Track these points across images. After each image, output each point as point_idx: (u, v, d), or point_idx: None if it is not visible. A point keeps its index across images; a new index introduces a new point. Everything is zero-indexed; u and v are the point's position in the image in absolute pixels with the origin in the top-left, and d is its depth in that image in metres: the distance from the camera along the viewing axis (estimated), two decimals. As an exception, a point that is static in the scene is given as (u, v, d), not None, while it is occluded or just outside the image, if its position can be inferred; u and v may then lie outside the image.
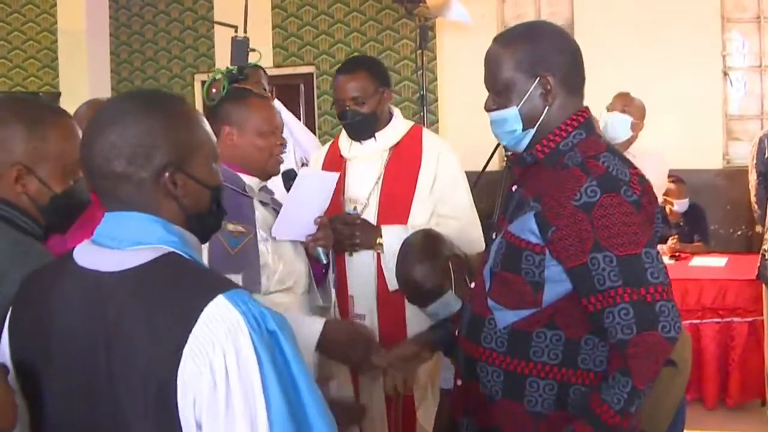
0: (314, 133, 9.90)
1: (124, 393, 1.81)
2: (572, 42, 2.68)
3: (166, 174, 1.93)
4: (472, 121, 4.96)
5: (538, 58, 2.58)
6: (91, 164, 1.95)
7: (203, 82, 5.89)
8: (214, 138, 2.08)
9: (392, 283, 3.76)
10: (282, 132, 3.45)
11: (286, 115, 5.75)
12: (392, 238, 3.81)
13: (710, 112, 8.48)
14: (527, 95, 2.58)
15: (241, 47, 5.66)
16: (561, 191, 2.47)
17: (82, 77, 10.07)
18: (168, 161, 1.93)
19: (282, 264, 3.31)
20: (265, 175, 3.44)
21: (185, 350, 1.74)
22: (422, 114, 8.55)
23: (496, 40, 2.68)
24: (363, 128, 4.05)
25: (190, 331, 1.75)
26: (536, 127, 2.61)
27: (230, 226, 3.20)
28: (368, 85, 4.00)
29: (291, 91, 10.16)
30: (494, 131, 2.70)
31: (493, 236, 2.81)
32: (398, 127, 4.13)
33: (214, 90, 5.32)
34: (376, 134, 4.06)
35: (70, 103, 5.77)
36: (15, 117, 2.44)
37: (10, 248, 2.35)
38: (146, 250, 1.89)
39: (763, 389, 6.12)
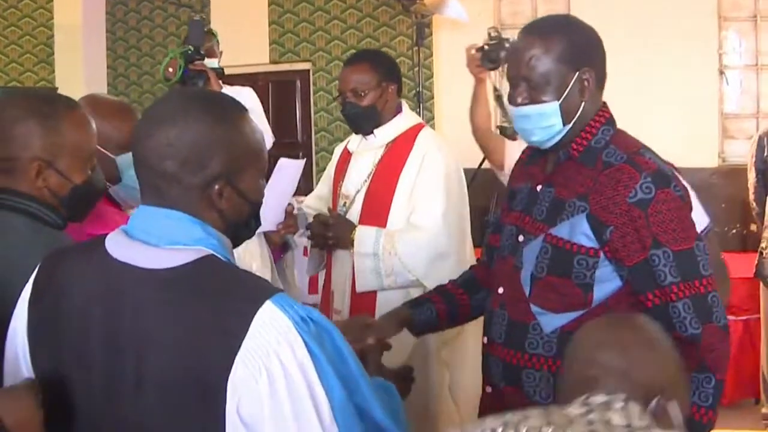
0: (311, 130, 9.94)
1: (155, 395, 1.78)
2: (597, 34, 2.63)
3: (216, 186, 1.90)
4: (468, 119, 4.96)
5: (579, 51, 2.54)
6: (141, 156, 1.91)
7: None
8: (266, 152, 2.04)
9: (360, 284, 3.78)
10: None
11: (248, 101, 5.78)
12: (362, 239, 3.77)
13: (706, 111, 8.49)
14: (568, 89, 2.52)
15: (197, 27, 5.66)
16: (614, 189, 2.46)
17: (78, 73, 10.06)
18: (220, 172, 1.90)
19: (254, 264, 3.34)
20: None
21: (238, 356, 1.73)
22: (418, 111, 8.55)
23: (529, 30, 2.61)
24: (360, 121, 3.98)
25: (243, 338, 1.74)
26: (573, 123, 2.56)
27: None
28: (370, 77, 3.92)
29: (287, 87, 10.19)
30: (522, 126, 2.61)
31: (490, 233, 2.84)
32: (399, 123, 4.03)
33: (170, 69, 5.38)
34: (376, 130, 3.99)
35: (65, 99, 5.74)
36: (29, 113, 2.45)
37: (42, 241, 2.35)
38: (186, 251, 1.86)
39: (758, 388, 6.14)
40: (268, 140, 5.94)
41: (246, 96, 6.15)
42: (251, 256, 3.32)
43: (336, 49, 9.84)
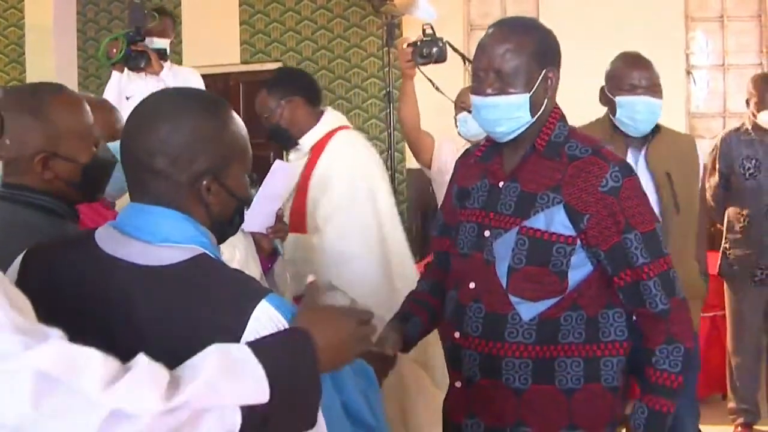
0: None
1: None
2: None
3: (204, 182, 1.91)
4: (437, 119, 5.01)
5: (547, 51, 2.67)
6: (129, 153, 1.93)
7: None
8: (250, 148, 2.07)
9: (292, 290, 3.85)
10: None
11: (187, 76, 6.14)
12: (286, 247, 3.80)
13: (673, 110, 8.52)
14: (537, 84, 2.62)
15: (137, 10, 5.94)
16: (585, 180, 2.60)
17: (49, 73, 9.99)
18: (208, 168, 1.92)
19: (238, 252, 3.34)
20: None
21: None
22: (388, 111, 8.58)
23: (503, 25, 2.73)
24: (276, 139, 4.25)
25: (241, 335, 1.76)
26: (536, 117, 2.66)
27: None
28: (267, 101, 4.21)
29: (258, 87, 10.04)
30: (488, 117, 2.67)
31: (436, 237, 2.97)
32: (319, 129, 4.22)
33: (114, 50, 5.74)
34: (300, 140, 4.19)
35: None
36: (17, 109, 2.43)
37: (62, 235, 2.34)
38: (180, 249, 1.87)
39: (724, 383, 6.19)
40: None
41: (194, 79, 6.26)
42: (232, 246, 3.32)
43: (307, 50, 9.87)
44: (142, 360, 1.50)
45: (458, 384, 2.82)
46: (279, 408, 1.63)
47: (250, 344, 1.68)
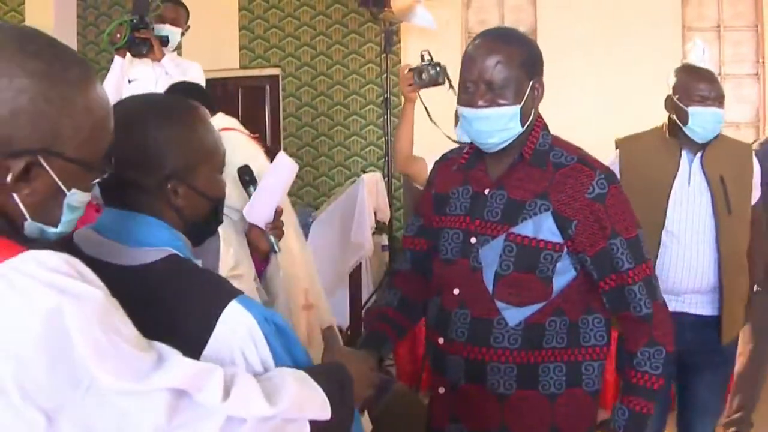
0: (280, 135, 9.99)
1: None
2: None
3: (169, 185, 1.95)
4: (433, 126, 5.04)
5: (534, 62, 2.68)
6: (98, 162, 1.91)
7: (170, 81, 6.17)
8: (223, 148, 2.09)
9: None
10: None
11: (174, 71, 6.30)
12: None
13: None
14: (526, 95, 2.64)
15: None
16: (572, 187, 2.64)
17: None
18: (173, 171, 1.95)
19: (231, 249, 3.35)
20: None
21: (205, 351, 1.79)
22: (386, 117, 8.62)
23: (490, 37, 2.70)
24: None
25: (210, 334, 1.80)
26: (525, 127, 2.69)
27: None
28: None
29: (257, 92, 10.22)
30: (481, 128, 2.67)
31: (412, 236, 2.99)
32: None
33: (118, 35, 6.04)
34: None
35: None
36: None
37: None
38: (154, 251, 1.92)
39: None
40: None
41: (194, 71, 6.41)
42: (227, 244, 3.31)
43: (305, 55, 9.89)
44: (240, 369, 1.69)
45: (441, 390, 2.84)
46: (330, 427, 1.81)
47: (306, 370, 1.85)
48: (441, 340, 2.80)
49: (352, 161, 9.79)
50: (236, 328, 1.82)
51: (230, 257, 3.32)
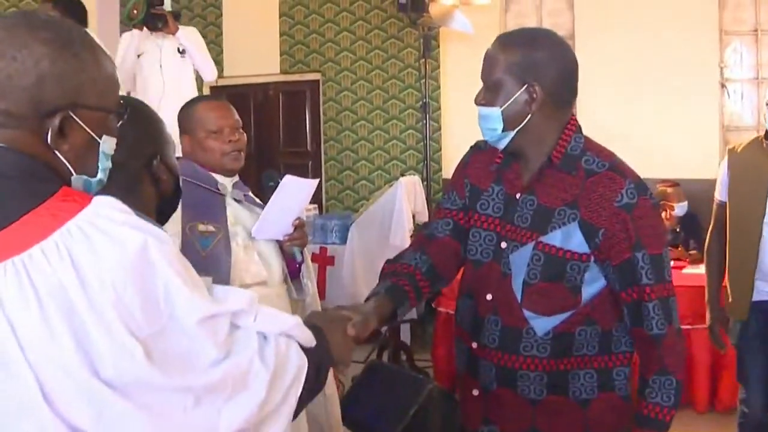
0: (320, 140, 10.08)
1: None
2: (570, 56, 2.71)
3: (154, 162, 2.10)
4: (474, 129, 5.10)
5: (529, 66, 2.62)
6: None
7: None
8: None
9: None
10: (235, 129, 3.62)
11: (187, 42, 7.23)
12: None
13: (708, 123, 8.62)
14: (513, 99, 2.63)
15: None
16: (601, 194, 2.60)
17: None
18: (155, 151, 2.14)
19: (256, 256, 3.50)
20: (228, 172, 3.63)
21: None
22: (425, 121, 8.70)
23: (498, 39, 2.73)
24: None
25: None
26: (516, 131, 2.66)
27: (201, 227, 3.40)
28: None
29: (297, 97, 10.35)
30: (481, 125, 2.73)
31: (446, 209, 2.92)
32: None
33: (135, 11, 6.78)
34: None
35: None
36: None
37: None
38: None
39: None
40: (209, 74, 7.51)
41: (190, 32, 7.38)
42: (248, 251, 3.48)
43: (345, 60, 9.97)
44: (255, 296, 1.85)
45: (475, 392, 2.86)
46: (316, 358, 1.93)
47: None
48: (474, 345, 2.83)
49: (392, 165, 9.83)
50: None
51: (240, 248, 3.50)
